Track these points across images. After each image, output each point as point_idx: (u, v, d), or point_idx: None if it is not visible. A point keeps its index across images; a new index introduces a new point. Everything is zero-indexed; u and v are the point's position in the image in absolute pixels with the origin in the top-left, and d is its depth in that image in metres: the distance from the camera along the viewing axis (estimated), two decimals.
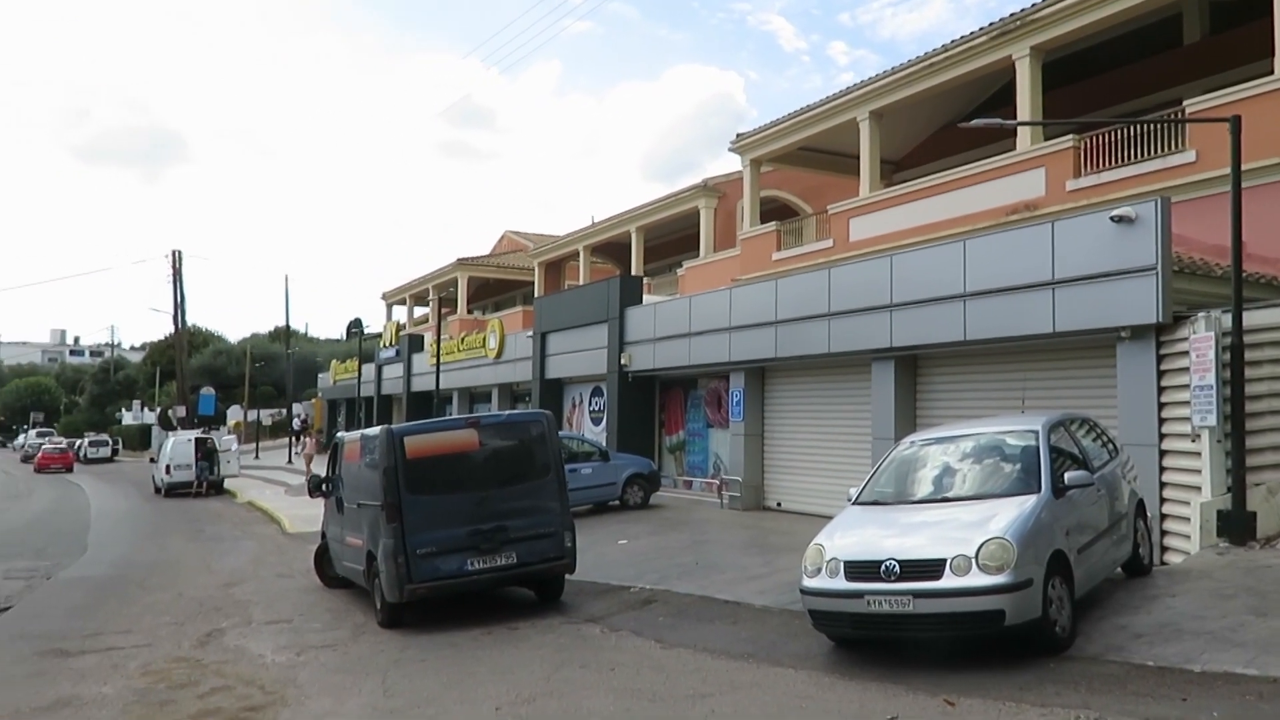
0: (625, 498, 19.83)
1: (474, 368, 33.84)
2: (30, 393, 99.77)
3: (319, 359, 64.99)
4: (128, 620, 11.49)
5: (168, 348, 67.10)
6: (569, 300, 27.93)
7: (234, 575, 15.04)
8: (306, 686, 8.15)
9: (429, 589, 10.20)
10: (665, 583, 11.73)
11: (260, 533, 21.61)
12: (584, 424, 26.70)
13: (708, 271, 26.46)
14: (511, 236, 46.34)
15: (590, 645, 9.16)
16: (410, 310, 49.20)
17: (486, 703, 7.30)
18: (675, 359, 21.92)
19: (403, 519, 10.18)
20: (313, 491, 13.63)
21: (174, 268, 44.96)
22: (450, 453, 10.76)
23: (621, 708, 7.01)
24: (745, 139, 24.27)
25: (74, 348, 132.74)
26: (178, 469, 33.24)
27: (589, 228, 33.78)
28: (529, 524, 10.65)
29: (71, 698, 8.02)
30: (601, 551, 14.30)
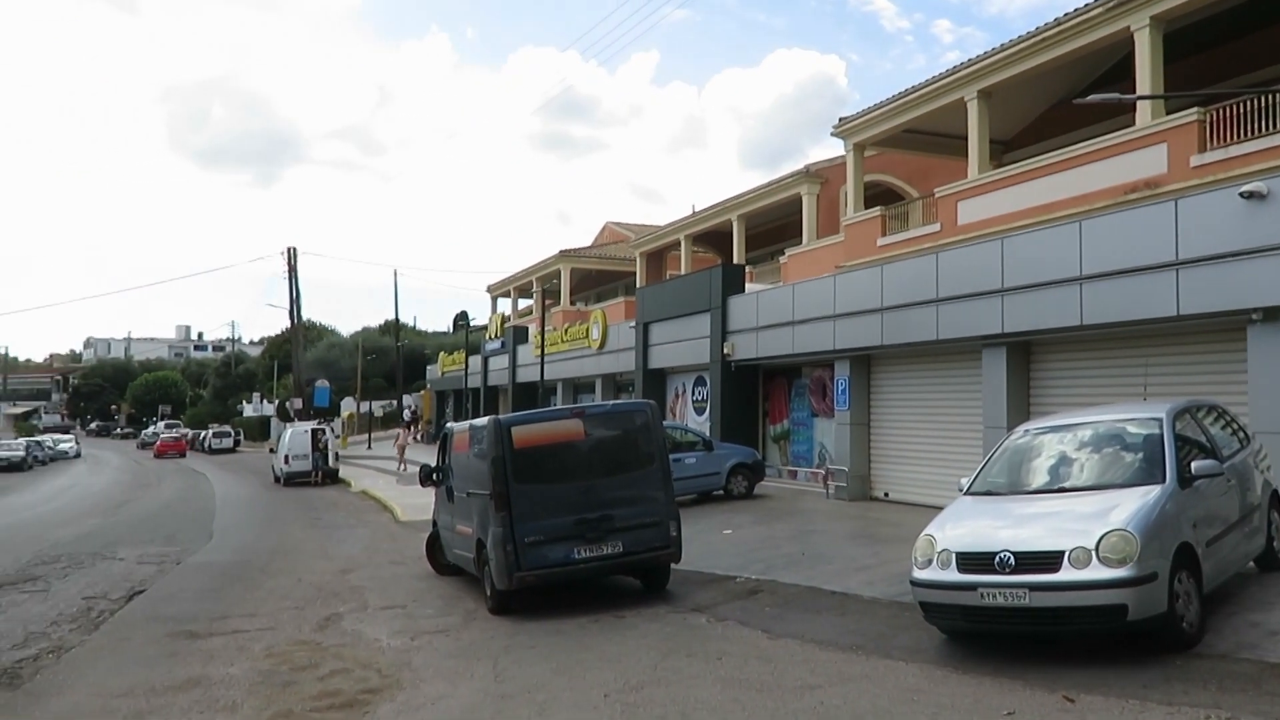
0: (729, 487, 19.77)
1: (577, 358, 34.18)
2: (159, 386, 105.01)
3: (427, 351, 66.62)
4: (252, 604, 11.97)
5: (284, 342, 69.58)
6: (671, 290, 27.95)
7: (350, 562, 15.53)
8: (421, 670, 8.37)
9: (537, 577, 10.35)
10: (771, 573, 11.66)
11: (373, 521, 22.26)
12: (687, 414, 26.72)
13: (810, 259, 26.13)
14: (613, 228, 46.61)
15: (697, 634, 9.17)
16: (514, 302, 49.95)
17: (595, 689, 7.37)
18: (779, 348, 21.73)
19: (511, 508, 10.34)
20: (423, 481, 13.97)
21: (289, 265, 46.63)
22: (556, 442, 10.88)
23: (729, 697, 6.99)
24: (848, 123, 23.87)
25: (198, 343, 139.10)
26: (295, 459, 34.49)
27: (689, 217, 33.70)
28: (634, 513, 10.70)
29: (201, 677, 8.40)
30: (706, 541, 14.29)
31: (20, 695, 8.11)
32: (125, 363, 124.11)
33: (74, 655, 9.54)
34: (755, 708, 6.74)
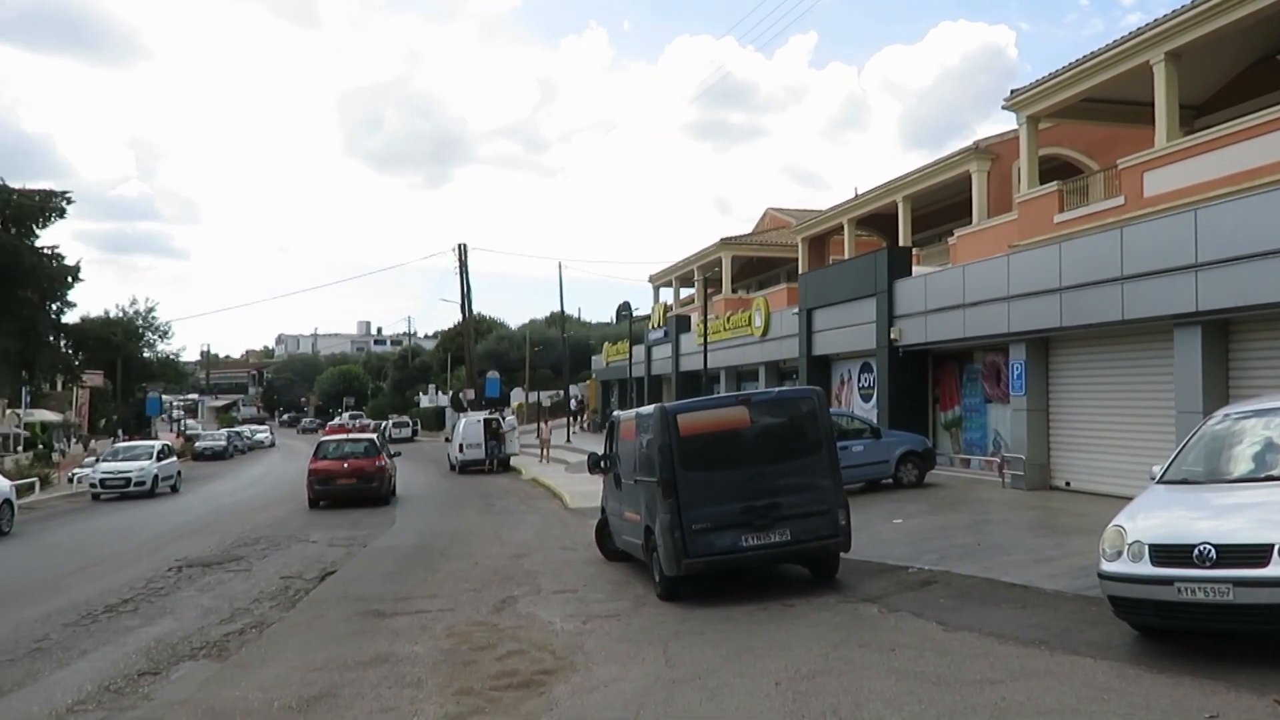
0: (899, 476, 19.30)
1: (740, 346, 34.07)
2: (342, 380, 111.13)
3: (592, 342, 67.93)
4: (432, 586, 12.50)
5: (457, 335, 72.31)
6: (834, 275, 27.46)
7: (522, 547, 16.00)
8: (593, 653, 8.53)
9: (704, 564, 10.37)
10: (945, 563, 11.30)
11: (544, 508, 22.87)
12: (853, 401, 26.24)
13: (981, 239, 25.12)
14: (774, 214, 46.16)
15: (868, 625, 8.99)
16: (676, 292, 50.19)
17: (766, 677, 7.34)
18: (949, 331, 21.02)
19: (678, 494, 10.40)
20: (592, 468, 14.25)
21: (460, 261, 48.38)
22: (722, 430, 10.87)
23: (904, 690, 6.82)
24: (1020, 95, 22.79)
25: (377, 338, 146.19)
26: (469, 448, 35.82)
27: (852, 200, 33.00)
28: (802, 501, 10.58)
29: (389, 654, 8.83)
30: (876, 530, 13.99)
31: (229, 666, 8.74)
32: (313, 357, 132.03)
33: (274, 630, 10.21)
34: (932, 701, 6.55)
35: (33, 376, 40.06)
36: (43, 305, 37.10)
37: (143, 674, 8.47)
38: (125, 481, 30.19)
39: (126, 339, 66.68)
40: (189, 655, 9.16)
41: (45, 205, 36.94)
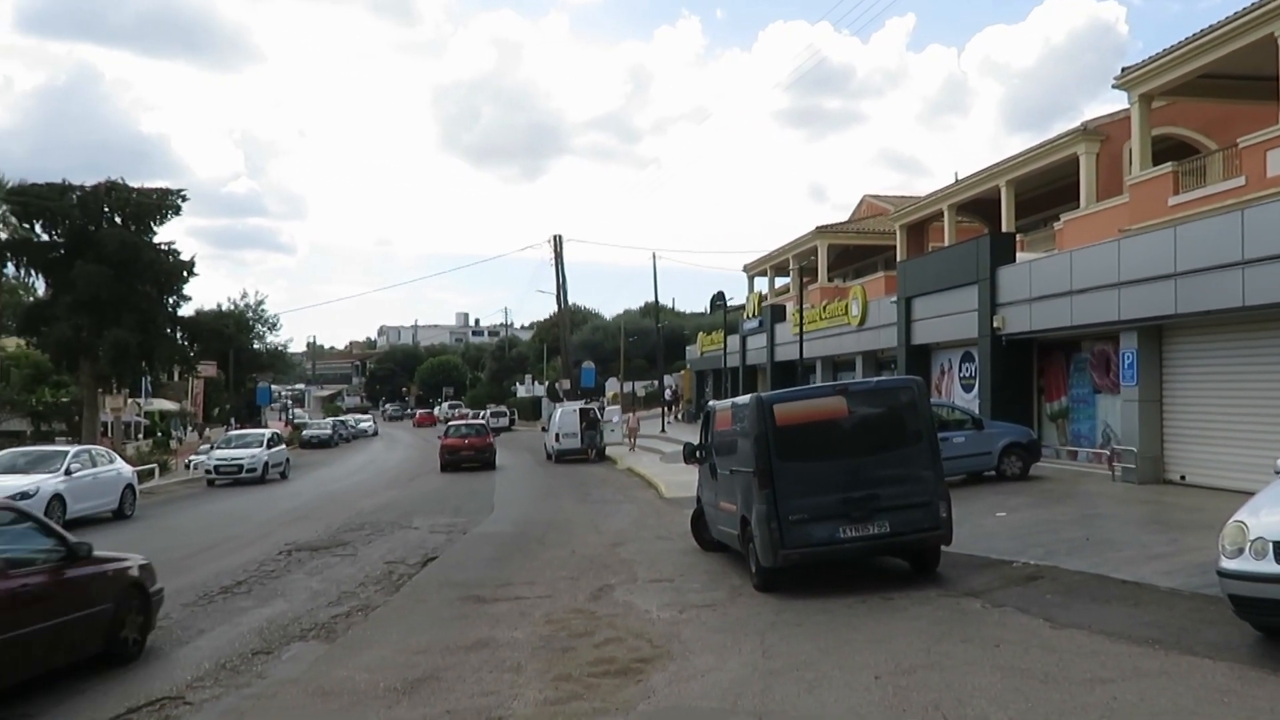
0: (1002, 468, 18.81)
1: (836, 335, 33.65)
2: (442, 370, 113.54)
3: (686, 332, 67.89)
4: (531, 573, 12.68)
5: (552, 326, 73.13)
6: (934, 262, 26.88)
7: (618, 536, 16.10)
8: (690, 643, 8.54)
9: (801, 555, 10.28)
10: (1052, 559, 10.98)
11: (639, 497, 22.97)
12: (954, 391, 25.67)
13: (1089, 223, 24.26)
14: (871, 201, 45.40)
15: (971, 620, 8.79)
16: (771, 281, 49.81)
17: (865, 670, 7.24)
18: (1055, 320, 20.38)
19: (774, 485, 10.32)
20: (687, 458, 14.24)
21: (555, 252, 48.93)
22: (819, 420, 10.75)
23: (1010, 686, 6.66)
24: (1132, 73, 21.91)
25: (475, 329, 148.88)
26: (565, 437, 36.19)
27: (952, 186, 32.21)
28: (901, 493, 10.39)
29: (489, 639, 8.99)
30: (978, 523, 13.67)
31: (337, 648, 9.02)
32: (413, 348, 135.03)
33: (379, 614, 10.49)
34: (1039, 699, 6.38)
35: (152, 367, 41.91)
36: (160, 299, 38.71)
37: (256, 653, 8.80)
38: (238, 468, 31.41)
39: (238, 331, 69.27)
40: (299, 636, 9.47)
41: (162, 203, 38.53)
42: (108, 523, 20.54)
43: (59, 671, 7.78)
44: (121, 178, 38.17)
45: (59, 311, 36.43)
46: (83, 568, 8.30)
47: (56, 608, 7.75)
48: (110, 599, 8.40)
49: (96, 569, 8.51)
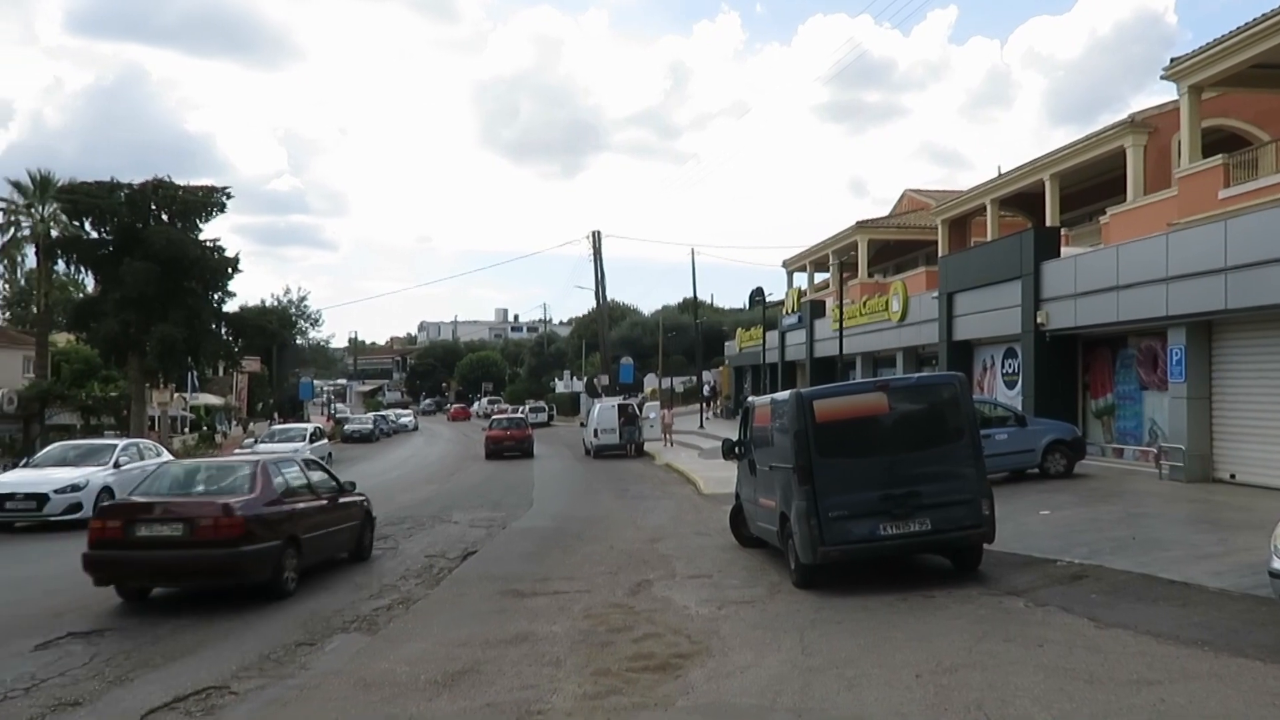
0: (1045, 466, 18.56)
1: (877, 331, 33.40)
2: (481, 366, 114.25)
3: (725, 328, 67.69)
4: (569, 568, 12.72)
5: (591, 322, 73.32)
6: (976, 257, 26.58)
7: (657, 531, 16.11)
8: (728, 639, 8.52)
9: (841, 552, 10.22)
10: (1097, 558, 10.81)
11: (678, 493, 22.96)
12: (996, 387, 25.39)
13: (1136, 217, 23.85)
14: (912, 195, 44.98)
15: (1014, 619, 8.69)
16: (810, 276, 49.52)
17: (906, 669, 7.18)
18: (1100, 315, 20.06)
19: (814, 481, 10.26)
20: (726, 454, 14.20)
21: (594, 248, 49.06)
22: (860, 416, 10.67)
23: (1054, 686, 6.57)
24: (1182, 63, 21.48)
25: (514, 325, 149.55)
26: (604, 432, 36.29)
27: (995, 180, 31.81)
28: (943, 490, 10.29)
29: (528, 633, 9.03)
30: (1021, 521, 13.51)
31: (379, 640, 9.11)
32: (453, 344, 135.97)
33: (420, 607, 10.58)
34: (1084, 699, 6.29)
35: (197, 363, 42.56)
36: (206, 295, 39.26)
37: (300, 644, 8.91)
38: None
39: (281, 327, 70.31)
40: (341, 628, 9.58)
41: (207, 201, 39.08)
42: None
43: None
44: (168, 176, 38.76)
45: (108, 308, 37.12)
46: (346, 497, 13.34)
47: (337, 519, 12.81)
48: (358, 518, 13.61)
49: (352, 499, 13.53)
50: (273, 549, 10.80)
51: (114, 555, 10.59)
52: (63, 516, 18.21)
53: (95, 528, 10.80)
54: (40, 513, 18.28)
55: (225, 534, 10.37)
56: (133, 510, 10.87)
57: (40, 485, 18.67)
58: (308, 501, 12.08)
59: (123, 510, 11.03)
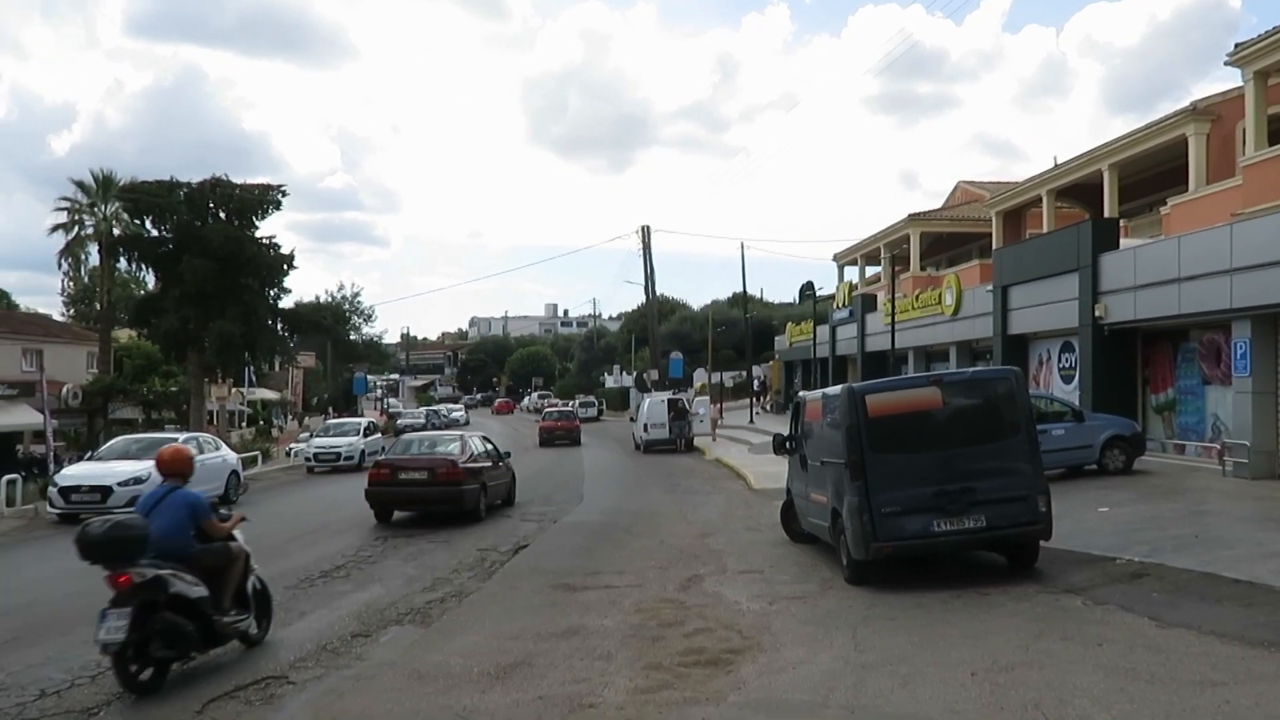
0: (1104, 461, 18.18)
1: (929, 325, 33.01)
2: (531, 361, 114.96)
3: (774, 322, 67.31)
4: (620, 562, 12.75)
5: (640, 317, 73.35)
6: (1032, 250, 26.14)
7: (707, 526, 16.08)
8: (780, 634, 8.48)
9: (894, 548, 10.12)
10: (1158, 556, 10.58)
11: (728, 488, 22.91)
12: (1053, 382, 24.97)
13: (1199, 207, 23.26)
14: (965, 187, 44.33)
15: (1071, 617, 8.54)
16: (862, 270, 49.03)
17: (960, 666, 7.10)
18: (1161, 308, 19.63)
19: (866, 477, 10.17)
20: (777, 449, 14.13)
21: (643, 243, 49.07)
22: (913, 411, 10.55)
23: (1114, 686, 6.44)
24: (1247, 48, 20.89)
25: (564, 320, 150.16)
26: (654, 427, 36.33)
27: (1052, 170, 31.20)
28: (998, 486, 10.14)
29: (580, 627, 9.07)
30: (1079, 518, 13.26)
31: (432, 632, 9.21)
32: (503, 339, 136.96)
33: (472, 600, 10.68)
34: (1145, 700, 6.16)
35: (254, 358, 43.38)
36: (262, 292, 39.95)
37: (355, 636, 9.04)
38: (336, 456, 32.35)
39: (335, 322, 71.28)
40: (396, 620, 9.70)
41: (263, 199, 39.76)
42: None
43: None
44: (225, 174, 39.52)
45: (167, 304, 37.96)
46: (503, 463, 19.69)
47: (500, 475, 19.28)
48: (510, 479, 20.04)
49: (505, 464, 19.98)
50: (475, 489, 17.46)
51: (385, 490, 17.35)
52: (126, 509, 18.61)
53: (374, 474, 17.67)
54: (104, 505, 18.73)
55: (451, 478, 17.06)
56: (395, 463, 17.70)
57: (104, 478, 19.17)
58: (486, 463, 18.55)
59: (389, 464, 17.73)
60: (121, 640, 7.06)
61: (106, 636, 7.06)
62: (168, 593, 7.38)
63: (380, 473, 17.54)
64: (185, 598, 7.49)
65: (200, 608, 7.62)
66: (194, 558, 7.82)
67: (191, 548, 7.86)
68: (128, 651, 7.16)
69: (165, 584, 7.37)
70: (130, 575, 7.21)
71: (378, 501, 17.30)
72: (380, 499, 17.31)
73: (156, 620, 7.29)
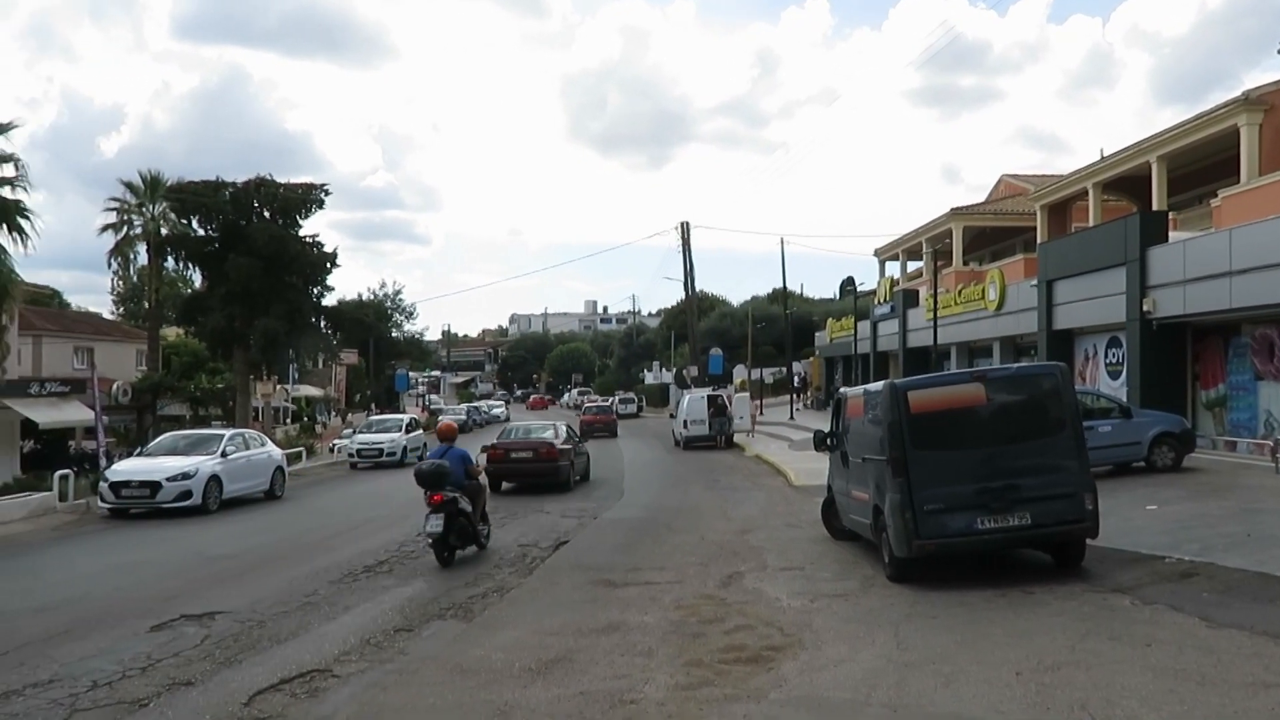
0: (1152, 459, 17.87)
1: (972, 321, 32.67)
2: (571, 357, 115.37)
3: (815, 318, 66.96)
4: (660, 558, 12.75)
5: (680, 313, 73.23)
6: (1078, 244, 25.78)
7: (747, 523, 16.03)
8: (821, 632, 8.43)
9: (937, 546, 10.01)
10: (1208, 555, 10.37)
11: (768, 484, 22.82)
12: (1099, 378, 24.60)
13: (1252, 199, 22.76)
14: (1009, 181, 43.76)
15: (1119, 617, 8.40)
16: (903, 265, 48.64)
17: (1005, 666, 7.01)
18: (1211, 302, 19.26)
19: (909, 474, 10.08)
20: (818, 446, 14.05)
21: (682, 239, 49.02)
22: (956, 407, 10.42)
23: (1163, 688, 6.33)
24: None
25: (603, 316, 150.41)
26: (694, 424, 36.26)
27: (1098, 163, 30.73)
28: (1043, 483, 10.00)
29: (620, 623, 9.08)
30: (1126, 516, 13.04)
31: (474, 627, 9.27)
32: (543, 336, 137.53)
33: (514, 595, 10.73)
34: (1195, 702, 6.05)
35: (298, 355, 43.97)
36: (306, 290, 40.42)
37: (398, 630, 9.12)
38: (378, 452, 32.70)
39: (377, 320, 71.94)
40: (438, 615, 9.77)
41: (307, 198, 40.23)
42: (260, 503, 21.64)
43: None
44: (269, 174, 40.01)
45: (214, 302, 38.55)
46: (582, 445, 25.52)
47: (581, 456, 24.36)
48: (586, 459, 24.81)
49: (583, 447, 25.20)
50: (566, 465, 22.49)
51: (500, 467, 21.86)
52: (174, 504, 19.01)
53: (491, 454, 21.67)
54: (153, 500, 19.11)
55: (550, 456, 22.11)
56: (507, 446, 22.67)
57: (153, 474, 19.52)
58: (570, 445, 23.26)
59: (503, 446, 22.62)
60: (440, 531, 12.17)
61: (431, 529, 12.14)
62: (458, 507, 12.46)
63: (495, 453, 22.12)
64: (465, 511, 12.62)
65: (468, 518, 12.74)
66: (466, 488, 12.86)
67: (464, 481, 12.87)
68: (446, 538, 12.31)
69: (457, 501, 12.46)
70: (442, 494, 12.29)
71: (494, 476, 21.06)
72: (496, 474, 21.46)
73: (454, 522, 12.42)
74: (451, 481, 12.47)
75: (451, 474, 12.56)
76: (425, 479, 12.38)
